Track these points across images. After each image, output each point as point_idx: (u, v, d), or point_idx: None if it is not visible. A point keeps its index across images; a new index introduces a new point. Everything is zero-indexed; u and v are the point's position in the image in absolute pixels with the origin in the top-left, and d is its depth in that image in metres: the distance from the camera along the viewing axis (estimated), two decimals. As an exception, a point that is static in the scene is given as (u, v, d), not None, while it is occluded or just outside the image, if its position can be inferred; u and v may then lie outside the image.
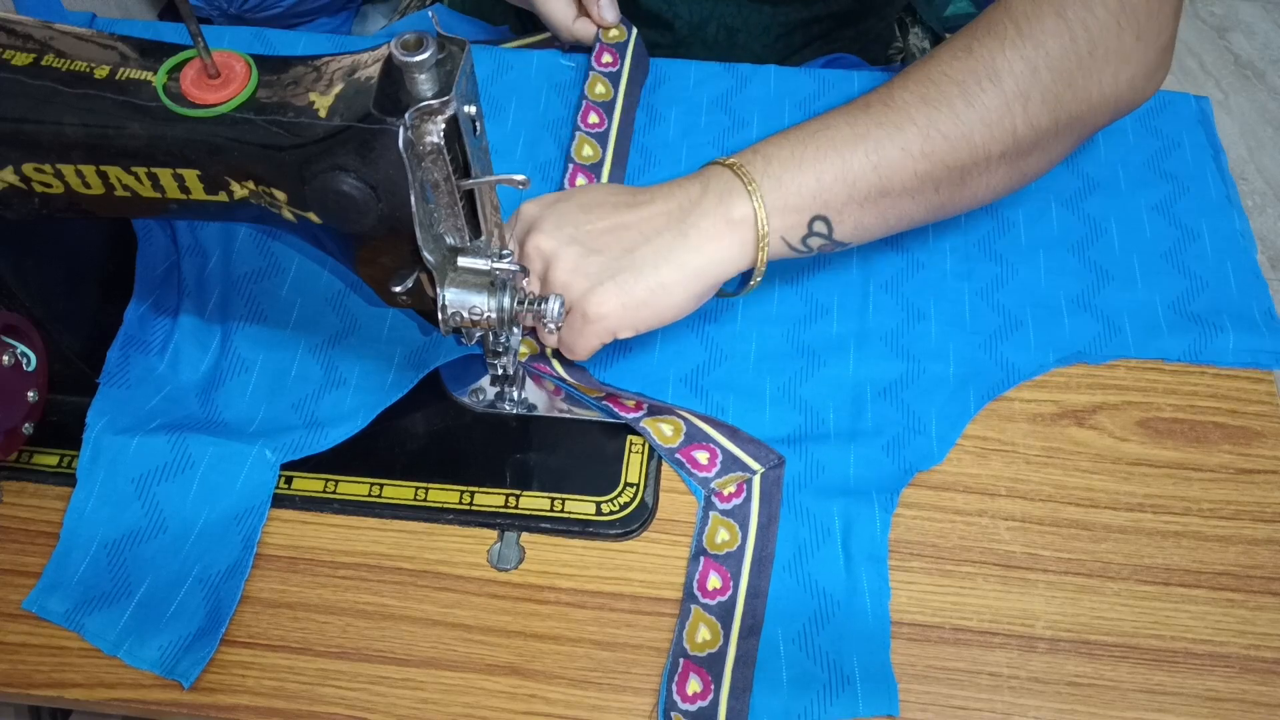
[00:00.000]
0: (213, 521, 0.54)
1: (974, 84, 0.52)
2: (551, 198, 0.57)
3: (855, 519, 0.54)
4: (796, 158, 0.53)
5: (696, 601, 0.51)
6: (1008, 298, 0.62)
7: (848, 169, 0.52)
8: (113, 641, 0.50)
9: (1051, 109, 0.54)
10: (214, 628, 0.51)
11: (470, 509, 0.55)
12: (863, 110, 0.53)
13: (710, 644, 0.50)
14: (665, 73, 0.73)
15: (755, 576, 0.52)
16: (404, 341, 0.60)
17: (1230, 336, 0.60)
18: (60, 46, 0.44)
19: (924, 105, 0.53)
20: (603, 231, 0.54)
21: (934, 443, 0.56)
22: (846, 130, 0.53)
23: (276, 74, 0.43)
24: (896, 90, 0.53)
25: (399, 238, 0.44)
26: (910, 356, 0.60)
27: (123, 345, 0.57)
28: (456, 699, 0.50)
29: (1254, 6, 1.91)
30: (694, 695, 0.49)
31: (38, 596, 0.52)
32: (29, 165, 0.44)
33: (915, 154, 0.52)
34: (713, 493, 0.55)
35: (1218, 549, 0.54)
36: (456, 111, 0.41)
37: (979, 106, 0.52)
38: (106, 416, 0.55)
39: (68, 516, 0.53)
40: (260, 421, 0.57)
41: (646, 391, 0.58)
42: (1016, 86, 0.52)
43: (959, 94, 0.52)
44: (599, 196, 0.56)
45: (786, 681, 0.50)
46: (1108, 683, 0.50)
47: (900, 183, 0.53)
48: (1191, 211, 0.65)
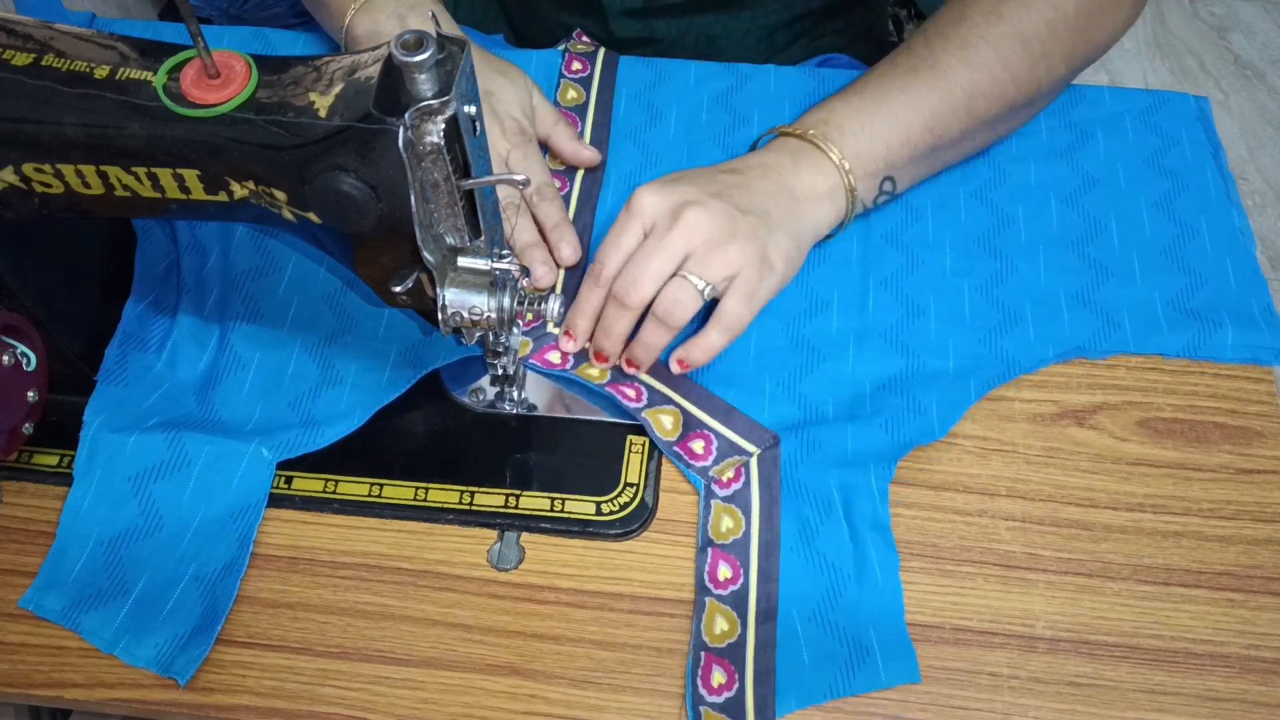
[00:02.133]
0: (209, 520, 0.54)
1: (1006, 47, 0.60)
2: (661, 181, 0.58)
3: (854, 489, 0.54)
4: (868, 131, 0.60)
5: (710, 594, 0.51)
6: (1007, 294, 0.62)
7: (909, 135, 0.60)
8: (109, 639, 0.50)
9: (1067, 60, 0.62)
10: (210, 626, 0.51)
11: (470, 509, 0.55)
12: (913, 77, 0.61)
13: (729, 634, 0.50)
14: (666, 71, 0.73)
15: (764, 561, 0.52)
16: (400, 340, 0.60)
17: (1229, 332, 0.60)
18: (60, 46, 0.44)
19: (966, 69, 0.60)
20: (734, 189, 0.57)
21: (934, 422, 0.56)
22: (903, 99, 0.60)
23: (276, 74, 0.43)
24: (939, 53, 0.61)
25: (399, 238, 0.44)
26: (910, 352, 0.60)
27: (121, 343, 0.57)
28: (456, 699, 0.50)
29: (1254, 6, 1.90)
30: (719, 687, 0.49)
31: (34, 594, 0.52)
32: (29, 165, 0.44)
33: (961, 114, 0.61)
34: (711, 480, 0.55)
35: (1218, 549, 0.54)
36: (456, 111, 0.41)
37: (1012, 68, 0.60)
38: (104, 414, 0.55)
39: (64, 514, 0.53)
40: (257, 420, 0.57)
41: None
42: (1041, 46, 0.61)
43: (995, 57, 0.60)
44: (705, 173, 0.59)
45: (808, 661, 0.50)
46: (1108, 683, 0.50)
47: (948, 138, 0.61)
48: (1191, 208, 0.65)
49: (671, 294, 0.54)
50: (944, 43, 0.61)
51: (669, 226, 0.54)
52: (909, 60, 0.61)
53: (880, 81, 0.61)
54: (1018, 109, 0.63)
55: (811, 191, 0.59)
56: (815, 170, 0.59)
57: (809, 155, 0.59)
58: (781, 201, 0.58)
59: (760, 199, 0.57)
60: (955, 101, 0.60)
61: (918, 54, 0.61)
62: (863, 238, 0.64)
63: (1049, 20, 0.60)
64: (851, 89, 0.62)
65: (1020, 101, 0.62)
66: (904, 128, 0.60)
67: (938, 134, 0.60)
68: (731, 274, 0.54)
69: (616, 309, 0.55)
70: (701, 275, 0.54)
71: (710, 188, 0.56)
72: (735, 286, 0.55)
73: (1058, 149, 0.68)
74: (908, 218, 0.65)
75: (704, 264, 0.54)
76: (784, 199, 0.58)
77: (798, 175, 0.59)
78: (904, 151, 0.60)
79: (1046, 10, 0.60)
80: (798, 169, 0.59)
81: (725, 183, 0.57)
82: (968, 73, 0.60)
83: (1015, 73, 0.60)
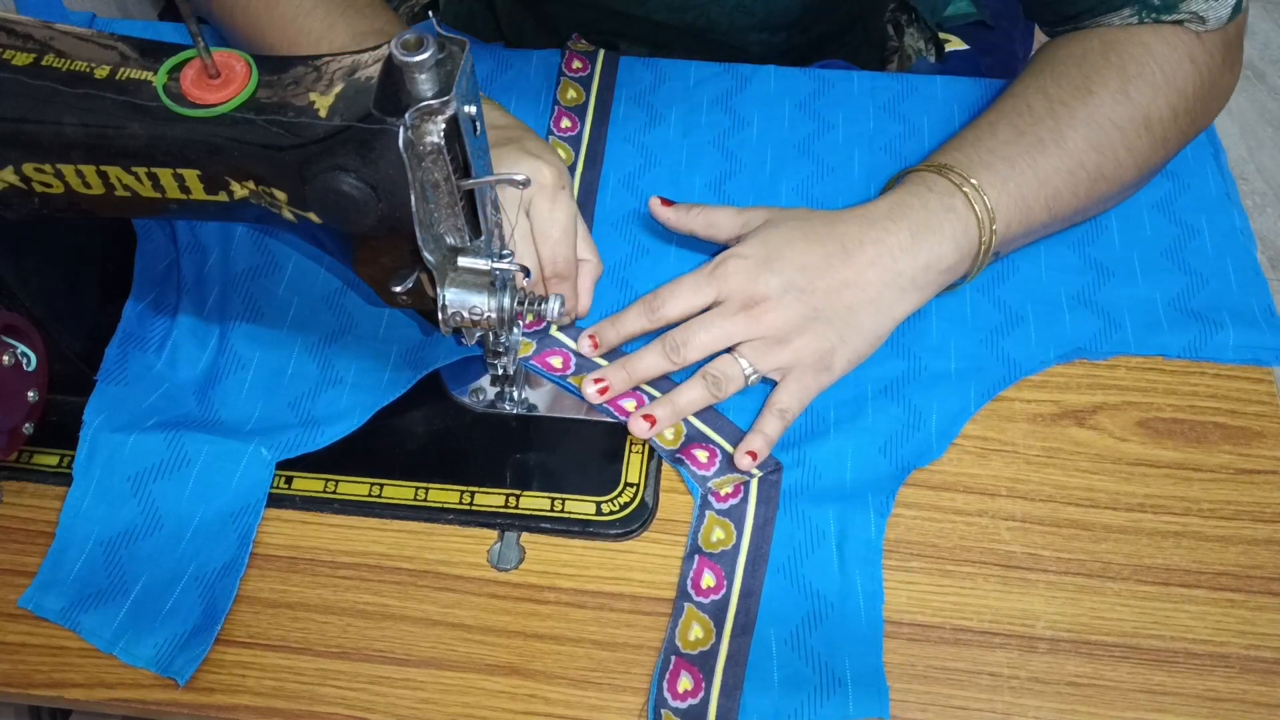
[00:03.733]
0: (208, 519, 0.54)
1: (1132, 131, 0.58)
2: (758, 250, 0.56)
3: (851, 523, 0.54)
4: (997, 201, 0.57)
5: (690, 600, 0.51)
6: (1008, 294, 0.62)
7: (1030, 214, 0.58)
8: (108, 639, 0.50)
9: (1179, 143, 0.62)
10: (209, 625, 0.51)
11: (470, 509, 0.55)
12: (1039, 151, 0.57)
13: (702, 642, 0.50)
14: (666, 72, 0.73)
15: (749, 575, 0.52)
16: (400, 340, 0.60)
17: (1230, 333, 0.60)
18: (60, 46, 0.44)
19: (1093, 152, 0.58)
20: (824, 291, 0.55)
21: (933, 438, 0.56)
22: (1030, 175, 0.57)
23: (276, 74, 0.43)
24: (1065, 129, 0.58)
25: (399, 238, 0.44)
26: (910, 354, 0.60)
27: (121, 342, 0.57)
28: (456, 699, 0.50)
29: (1254, 6, 1.90)
30: (684, 693, 0.49)
31: (34, 594, 0.52)
32: (29, 165, 0.44)
33: (1081, 195, 0.59)
34: (710, 492, 0.55)
35: (1218, 549, 0.54)
36: (456, 111, 0.41)
37: (1135, 153, 0.59)
38: (104, 414, 0.55)
39: (64, 514, 0.53)
40: (256, 420, 0.57)
41: None
42: (1163, 132, 0.59)
43: (1121, 141, 0.58)
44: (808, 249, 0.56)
45: (778, 682, 0.49)
46: (1108, 683, 0.50)
47: (1062, 216, 0.59)
48: (1191, 208, 0.65)
49: (721, 368, 0.55)
50: (1070, 118, 0.58)
51: (739, 309, 0.55)
52: (1033, 129, 0.58)
53: (1004, 150, 0.58)
54: (1125, 188, 0.61)
55: (925, 273, 0.56)
56: (936, 246, 0.56)
57: (934, 227, 0.56)
58: (880, 295, 0.56)
59: (852, 295, 0.56)
60: (1078, 183, 0.58)
61: (1042, 124, 0.58)
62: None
63: (1173, 105, 0.59)
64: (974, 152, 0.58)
65: (1137, 182, 0.61)
66: (1026, 208, 0.57)
67: (1054, 212, 0.58)
68: (784, 367, 0.56)
69: (657, 353, 0.56)
70: (752, 363, 0.55)
71: (800, 279, 0.55)
72: (788, 380, 0.56)
73: (1058, 149, 0.68)
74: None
75: (759, 354, 0.55)
76: (884, 291, 0.56)
77: (915, 257, 0.56)
78: (1019, 228, 0.58)
79: (1172, 95, 0.59)
80: (916, 248, 0.56)
81: (820, 275, 0.55)
82: (1096, 157, 0.58)
83: (1138, 158, 0.59)
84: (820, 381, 0.56)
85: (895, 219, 0.56)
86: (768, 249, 0.56)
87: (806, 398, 0.56)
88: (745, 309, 0.55)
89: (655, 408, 0.56)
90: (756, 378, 0.56)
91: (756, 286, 0.55)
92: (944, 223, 0.56)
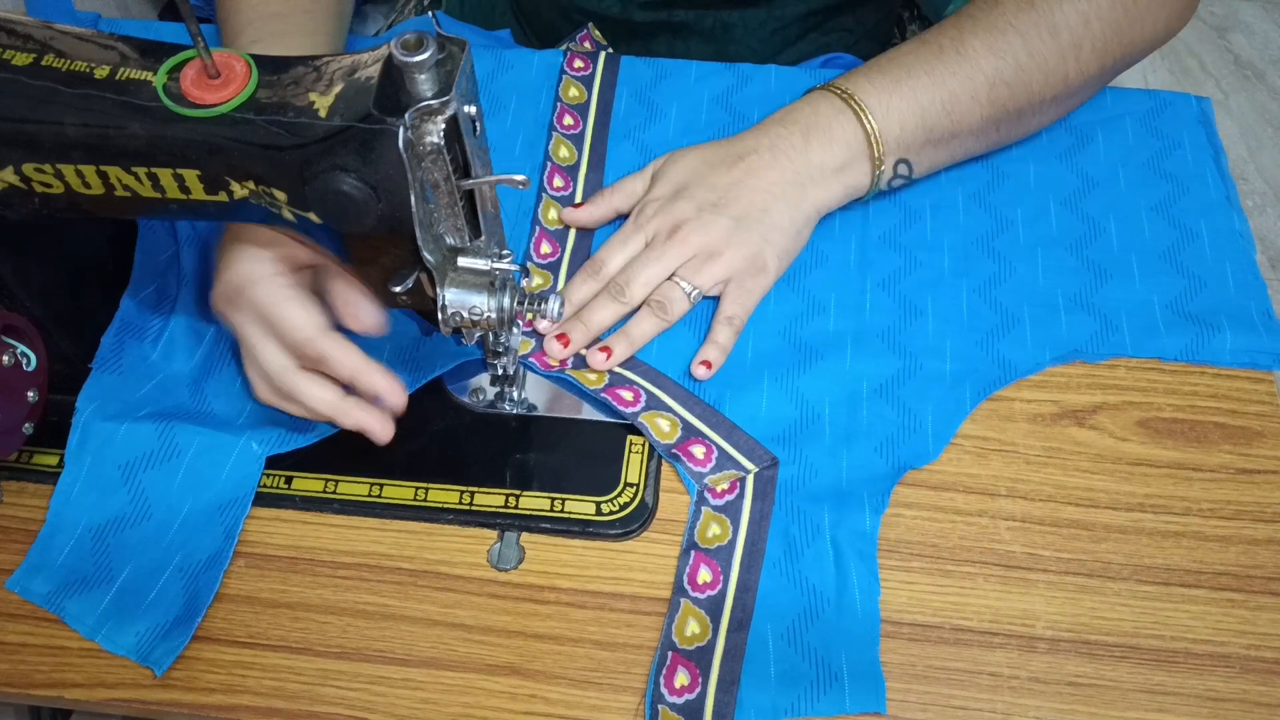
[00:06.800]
0: (196, 511, 0.54)
1: (1035, 36, 0.59)
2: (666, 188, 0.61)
3: (846, 518, 0.54)
4: (884, 106, 0.59)
5: (686, 595, 0.51)
6: (1005, 295, 0.62)
7: (926, 117, 0.59)
8: (91, 625, 0.51)
9: (1099, 56, 0.60)
10: (190, 617, 0.51)
11: (470, 509, 0.55)
12: (937, 58, 0.59)
13: (699, 637, 0.50)
14: (666, 70, 0.73)
15: (746, 571, 0.52)
16: (393, 338, 0.60)
17: (1228, 336, 0.59)
18: (60, 46, 0.44)
19: (991, 55, 0.59)
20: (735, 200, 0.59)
21: (929, 440, 0.56)
22: (925, 80, 0.59)
23: (276, 74, 0.43)
24: (967, 37, 0.59)
25: (399, 238, 0.44)
26: (907, 353, 0.60)
27: (118, 331, 0.57)
28: (456, 699, 0.50)
29: (1254, 6, 1.91)
30: (681, 688, 0.49)
31: (21, 577, 0.52)
32: (29, 165, 0.44)
33: (983, 101, 0.59)
34: (706, 488, 0.55)
35: (1218, 549, 0.54)
36: (456, 111, 0.41)
37: (1038, 57, 0.59)
38: (96, 402, 0.55)
39: (54, 499, 0.54)
40: (248, 414, 0.57)
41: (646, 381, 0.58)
42: (1071, 38, 0.59)
43: (1022, 45, 0.59)
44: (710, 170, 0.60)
45: (774, 677, 0.50)
46: (1108, 683, 0.50)
47: (968, 125, 0.60)
48: (1191, 212, 0.65)
49: (663, 293, 0.59)
50: (973, 26, 0.60)
51: (666, 239, 0.59)
52: (936, 41, 0.60)
53: (904, 59, 0.60)
54: (1044, 103, 0.61)
55: (820, 170, 0.59)
56: (827, 145, 0.59)
57: (823, 128, 0.59)
58: (785, 192, 0.59)
59: (760, 197, 0.59)
60: (976, 88, 0.59)
61: (946, 35, 0.60)
62: (860, 240, 0.64)
63: (1082, 12, 0.59)
64: (874, 64, 0.61)
65: (1047, 95, 0.61)
66: (921, 110, 0.59)
67: (956, 119, 0.59)
68: (723, 279, 0.59)
69: (606, 301, 0.59)
70: (691, 281, 0.59)
71: (710, 196, 0.60)
72: (729, 290, 0.59)
73: (1057, 151, 0.68)
74: (906, 219, 0.65)
75: (695, 273, 0.59)
76: (788, 188, 0.59)
77: (807, 155, 0.59)
78: (919, 134, 0.59)
79: (1081, 3, 0.59)
80: (808, 147, 0.59)
81: (726, 186, 0.60)
82: (993, 59, 0.59)
83: (1042, 63, 0.59)
84: (760, 284, 0.60)
85: (787, 125, 0.61)
86: (675, 183, 0.61)
87: (751, 302, 0.60)
88: (671, 237, 0.59)
89: (612, 341, 0.58)
90: (698, 295, 0.59)
91: (675, 215, 0.59)
92: (833, 124, 0.60)
